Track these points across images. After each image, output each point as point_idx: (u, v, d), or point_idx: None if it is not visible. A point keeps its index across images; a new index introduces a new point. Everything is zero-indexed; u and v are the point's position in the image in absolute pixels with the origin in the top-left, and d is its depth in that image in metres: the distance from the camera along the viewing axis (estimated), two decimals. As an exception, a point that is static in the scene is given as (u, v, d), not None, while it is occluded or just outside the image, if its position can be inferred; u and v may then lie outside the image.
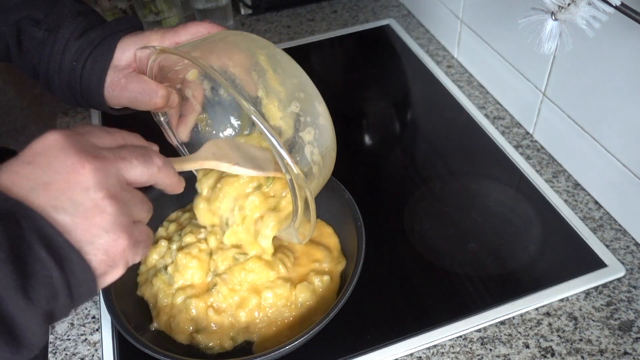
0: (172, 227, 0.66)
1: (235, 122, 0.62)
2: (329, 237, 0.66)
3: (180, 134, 0.59)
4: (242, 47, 0.50)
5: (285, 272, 0.60)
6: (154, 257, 0.63)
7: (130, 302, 0.60)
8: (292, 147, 0.47)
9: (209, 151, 0.51)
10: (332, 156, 0.52)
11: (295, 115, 0.48)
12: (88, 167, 0.36)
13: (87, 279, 0.36)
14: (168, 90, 0.54)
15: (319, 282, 0.60)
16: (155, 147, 0.43)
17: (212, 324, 0.58)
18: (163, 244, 0.63)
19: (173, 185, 0.44)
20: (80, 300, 0.37)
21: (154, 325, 0.59)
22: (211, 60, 0.46)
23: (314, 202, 0.48)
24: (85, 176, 0.35)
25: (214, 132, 0.61)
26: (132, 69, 0.55)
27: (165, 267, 0.61)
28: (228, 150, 0.52)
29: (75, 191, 0.35)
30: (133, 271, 0.64)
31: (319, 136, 0.49)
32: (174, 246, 0.63)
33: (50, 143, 0.36)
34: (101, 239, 0.36)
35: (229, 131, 0.62)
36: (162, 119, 0.59)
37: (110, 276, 0.38)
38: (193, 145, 0.60)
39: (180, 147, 0.61)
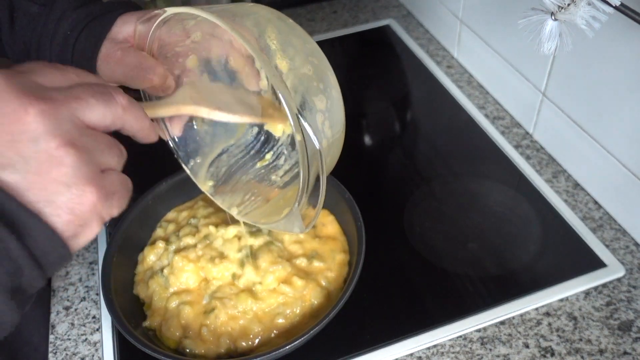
0: (171, 227, 0.66)
1: None
2: (332, 223, 0.66)
3: (173, 128, 0.55)
4: (251, 16, 0.45)
5: (303, 289, 0.58)
6: (151, 259, 0.63)
7: (126, 298, 0.60)
8: (304, 108, 0.42)
9: (185, 95, 0.44)
10: (341, 138, 0.47)
11: (309, 78, 0.44)
12: (33, 112, 0.30)
13: (55, 245, 0.31)
14: (166, 71, 0.50)
15: (326, 283, 0.60)
16: (120, 90, 0.37)
17: (201, 339, 0.57)
18: (160, 244, 0.63)
19: (144, 131, 0.37)
20: (54, 268, 0.32)
21: (147, 324, 0.59)
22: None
23: (326, 179, 0.43)
24: (32, 124, 0.30)
25: (211, 129, 0.59)
26: (130, 44, 0.51)
27: (162, 270, 0.61)
28: (209, 94, 0.45)
29: (22, 143, 0.30)
30: (131, 270, 0.64)
31: (331, 107, 0.45)
32: (172, 247, 0.62)
33: None
34: (63, 196, 0.31)
35: (226, 128, 0.59)
36: None
37: (84, 237, 0.33)
38: (187, 142, 0.57)
39: (173, 142, 0.57)
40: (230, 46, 0.49)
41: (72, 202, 0.31)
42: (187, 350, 0.56)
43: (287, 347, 0.51)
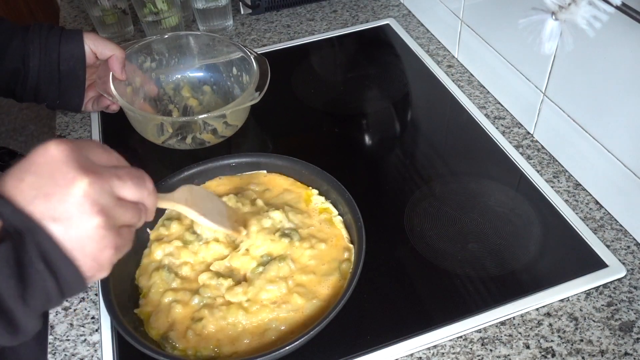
0: (175, 225, 0.66)
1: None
2: (335, 227, 0.65)
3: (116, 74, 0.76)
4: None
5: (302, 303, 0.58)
6: (158, 253, 0.63)
7: (125, 298, 0.60)
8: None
9: (182, 196, 0.55)
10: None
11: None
12: (85, 182, 0.39)
13: (78, 282, 0.41)
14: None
15: (327, 295, 0.59)
16: (149, 178, 0.47)
17: (185, 338, 0.56)
18: (167, 241, 0.64)
19: (152, 213, 0.47)
20: (71, 295, 0.42)
21: (137, 311, 0.59)
22: None
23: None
24: (82, 190, 0.39)
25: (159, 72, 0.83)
26: None
27: (167, 266, 0.62)
28: (199, 200, 0.56)
29: (71, 204, 0.39)
30: (130, 269, 0.63)
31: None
32: (178, 244, 0.63)
33: (53, 154, 0.39)
34: (90, 248, 0.40)
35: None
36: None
37: (98, 276, 0.42)
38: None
39: (113, 93, 0.74)
40: None
41: (96, 254, 0.41)
42: (170, 341, 0.56)
43: (287, 347, 0.51)
